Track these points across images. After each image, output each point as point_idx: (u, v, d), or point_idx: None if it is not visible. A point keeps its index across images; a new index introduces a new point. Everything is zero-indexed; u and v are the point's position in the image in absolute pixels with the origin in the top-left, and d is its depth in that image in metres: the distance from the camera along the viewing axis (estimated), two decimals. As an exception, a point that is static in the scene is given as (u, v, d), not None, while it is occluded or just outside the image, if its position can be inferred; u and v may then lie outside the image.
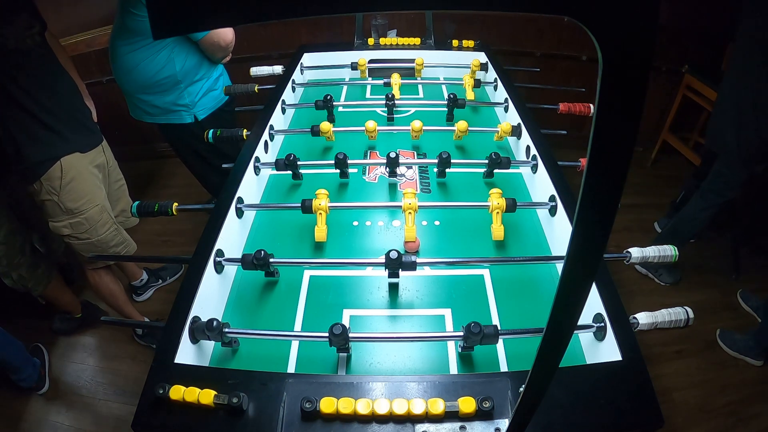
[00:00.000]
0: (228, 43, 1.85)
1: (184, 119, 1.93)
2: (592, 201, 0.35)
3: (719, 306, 2.24)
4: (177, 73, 1.81)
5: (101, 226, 1.70)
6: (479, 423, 0.72)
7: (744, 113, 1.88)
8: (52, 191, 1.56)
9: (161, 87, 1.82)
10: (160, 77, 1.79)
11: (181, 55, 1.79)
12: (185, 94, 1.87)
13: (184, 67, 1.81)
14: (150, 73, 1.77)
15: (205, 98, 1.94)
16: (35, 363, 1.87)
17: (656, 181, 2.99)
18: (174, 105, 1.89)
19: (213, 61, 1.93)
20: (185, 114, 1.93)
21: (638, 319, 0.90)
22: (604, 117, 0.30)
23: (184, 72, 1.82)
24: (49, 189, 1.55)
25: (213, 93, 1.96)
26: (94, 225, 1.67)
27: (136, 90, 1.84)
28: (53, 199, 1.57)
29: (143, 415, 0.75)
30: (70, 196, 1.59)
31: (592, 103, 1.45)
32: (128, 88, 1.86)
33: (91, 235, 1.68)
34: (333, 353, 0.91)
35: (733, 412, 1.84)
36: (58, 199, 1.57)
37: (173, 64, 1.78)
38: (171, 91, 1.84)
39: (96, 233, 1.69)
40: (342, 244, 1.20)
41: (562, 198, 1.17)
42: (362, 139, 1.54)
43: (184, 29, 0.26)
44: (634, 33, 0.27)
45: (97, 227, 1.69)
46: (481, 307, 1.03)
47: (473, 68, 1.84)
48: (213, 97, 1.97)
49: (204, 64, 1.89)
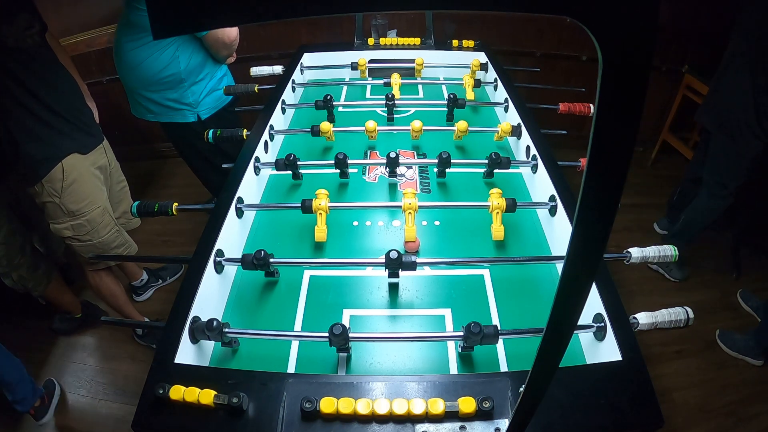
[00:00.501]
0: (232, 40, 1.86)
1: (187, 118, 1.94)
2: (592, 201, 0.35)
3: (719, 306, 2.24)
4: (181, 71, 1.81)
5: (103, 228, 1.70)
6: (479, 423, 0.72)
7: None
8: (54, 193, 1.55)
9: (165, 84, 1.83)
10: (164, 74, 1.80)
11: (186, 53, 1.80)
12: (189, 92, 1.88)
13: (188, 65, 1.82)
14: (154, 70, 1.78)
15: (209, 98, 1.95)
16: (37, 390, 1.79)
17: (656, 181, 2.99)
18: (177, 103, 1.89)
19: (218, 60, 1.93)
20: (188, 113, 1.93)
21: (638, 319, 0.90)
22: (604, 117, 0.30)
23: (189, 70, 1.83)
24: (50, 191, 1.55)
25: (216, 93, 1.97)
26: (96, 227, 1.67)
27: (139, 87, 1.85)
28: (54, 201, 1.57)
29: (143, 415, 0.75)
30: (72, 198, 1.59)
31: (592, 103, 1.45)
32: (132, 84, 1.86)
33: (93, 237, 1.68)
34: (333, 353, 0.91)
35: (733, 412, 1.84)
36: (59, 201, 1.57)
37: (178, 62, 1.79)
38: (175, 89, 1.85)
39: (98, 235, 1.69)
40: (342, 244, 1.20)
41: (562, 198, 1.17)
42: (362, 139, 1.54)
43: (184, 29, 0.26)
44: (634, 33, 0.27)
45: (99, 229, 1.68)
46: (481, 307, 1.03)
47: (473, 68, 1.84)
48: (216, 97, 1.97)
49: (208, 63, 1.90)
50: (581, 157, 1.04)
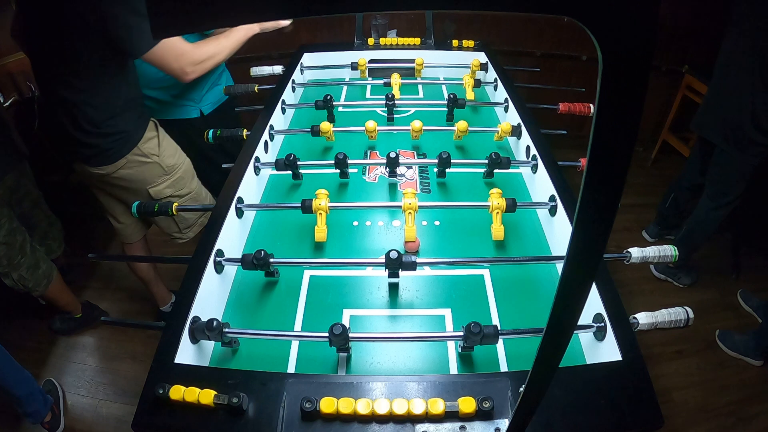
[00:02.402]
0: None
1: (190, 114, 1.94)
2: (592, 201, 0.35)
3: (719, 306, 2.24)
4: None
5: (191, 179, 1.74)
6: (479, 423, 0.72)
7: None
8: (152, 153, 1.57)
9: (169, 81, 1.83)
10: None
11: None
12: (191, 88, 1.88)
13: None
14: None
15: (210, 93, 1.96)
16: (47, 400, 1.77)
17: (656, 181, 2.99)
18: (180, 99, 1.90)
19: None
20: (191, 109, 1.94)
21: (638, 319, 0.90)
22: (604, 117, 0.30)
23: None
24: (148, 152, 1.56)
25: (217, 88, 1.98)
26: (190, 178, 1.71)
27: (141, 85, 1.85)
28: (154, 161, 1.58)
29: (143, 415, 0.75)
30: (168, 152, 1.62)
31: (592, 103, 1.45)
32: None
33: (190, 188, 1.72)
34: (333, 353, 0.91)
35: (733, 412, 1.84)
36: (158, 159, 1.58)
37: None
38: (177, 85, 1.85)
39: (191, 186, 1.73)
40: (342, 244, 1.20)
41: (562, 198, 1.17)
42: (362, 139, 1.54)
43: (184, 29, 0.26)
44: (634, 33, 0.27)
45: (190, 181, 1.72)
46: (481, 307, 1.03)
47: (473, 68, 1.84)
48: (217, 91, 1.98)
49: None
50: (581, 157, 1.04)
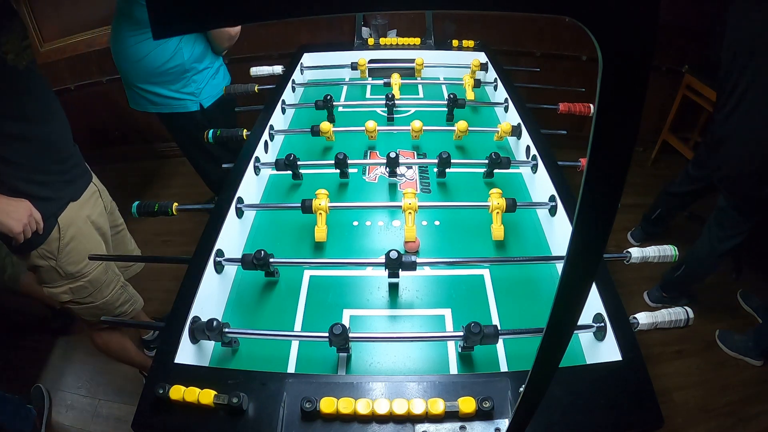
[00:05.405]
0: (237, 32, 1.91)
1: (190, 108, 1.95)
2: (592, 201, 0.35)
3: (719, 306, 2.24)
4: (185, 62, 1.84)
5: (106, 287, 1.43)
6: (479, 423, 0.72)
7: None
8: (48, 256, 1.27)
9: (169, 76, 1.84)
10: (168, 66, 1.81)
11: (189, 44, 1.83)
12: (191, 82, 1.90)
13: (192, 56, 1.85)
14: (159, 62, 1.79)
15: (209, 86, 1.97)
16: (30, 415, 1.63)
17: (656, 181, 2.98)
18: (180, 93, 1.91)
19: (218, 51, 1.98)
20: (191, 102, 1.95)
21: (638, 319, 0.90)
22: (604, 117, 0.30)
23: (192, 61, 1.86)
24: (43, 254, 1.26)
25: (216, 81, 2.00)
26: (99, 287, 1.41)
27: (141, 80, 1.86)
28: (50, 264, 1.28)
29: (143, 415, 0.75)
30: (70, 259, 1.31)
31: (592, 103, 1.45)
32: (133, 78, 1.87)
33: (96, 298, 1.41)
34: (333, 353, 0.91)
35: (733, 412, 1.84)
36: (56, 264, 1.29)
37: (182, 54, 1.82)
38: (178, 79, 1.87)
39: (101, 295, 1.42)
40: (342, 244, 1.20)
41: (562, 198, 1.17)
42: (362, 139, 1.54)
43: (184, 29, 0.26)
44: (634, 33, 0.27)
45: (102, 289, 1.42)
46: (481, 307, 1.03)
47: (473, 68, 1.84)
48: (216, 84, 2.00)
49: (209, 53, 1.94)
50: (581, 157, 1.04)
